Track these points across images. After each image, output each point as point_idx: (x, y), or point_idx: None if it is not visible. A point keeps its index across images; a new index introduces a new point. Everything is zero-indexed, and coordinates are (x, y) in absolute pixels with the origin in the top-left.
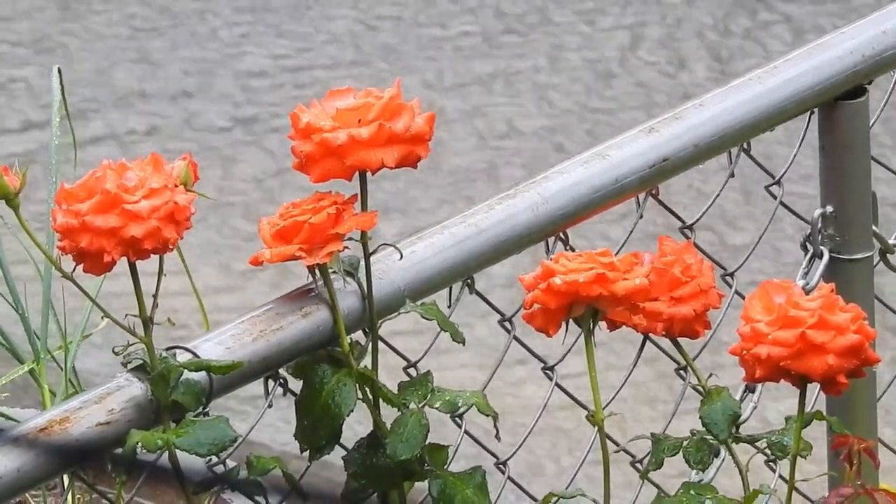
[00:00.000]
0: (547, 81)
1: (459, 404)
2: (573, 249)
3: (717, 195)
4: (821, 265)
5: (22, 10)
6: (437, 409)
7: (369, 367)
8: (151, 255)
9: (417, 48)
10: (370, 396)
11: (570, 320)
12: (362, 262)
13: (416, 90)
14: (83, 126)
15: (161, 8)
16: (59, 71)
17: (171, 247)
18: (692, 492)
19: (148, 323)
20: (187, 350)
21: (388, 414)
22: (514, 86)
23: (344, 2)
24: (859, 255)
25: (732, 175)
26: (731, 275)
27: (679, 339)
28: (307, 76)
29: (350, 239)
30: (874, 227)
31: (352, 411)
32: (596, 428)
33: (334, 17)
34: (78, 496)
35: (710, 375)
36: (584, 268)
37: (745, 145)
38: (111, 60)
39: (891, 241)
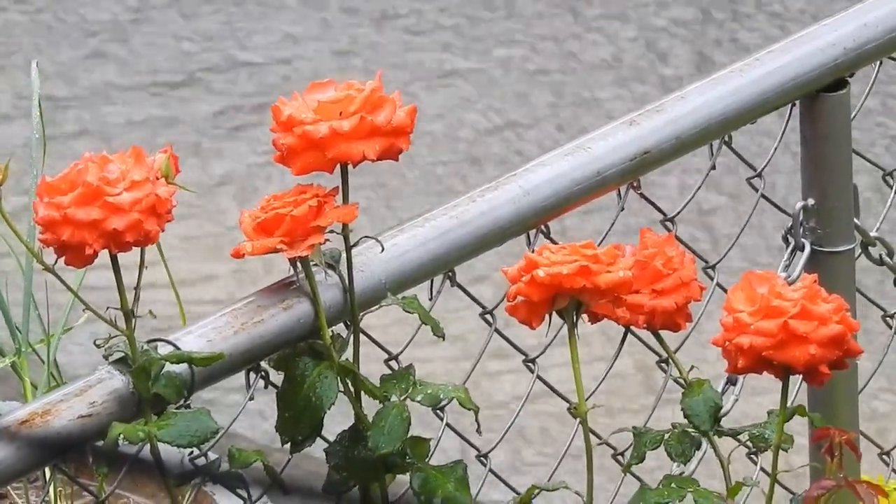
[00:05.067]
0: (526, 75)
1: (441, 398)
2: (555, 242)
3: (699, 188)
4: (802, 258)
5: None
6: (418, 402)
7: (351, 359)
8: (133, 248)
9: (398, 41)
10: (352, 389)
11: (554, 313)
12: (344, 255)
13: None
14: (62, 119)
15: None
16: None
17: (152, 239)
18: (674, 485)
19: (129, 315)
20: (169, 342)
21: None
22: (492, 79)
23: None
24: (841, 248)
25: (714, 167)
26: (713, 267)
27: (661, 332)
28: (288, 69)
29: (332, 232)
30: (856, 220)
31: (333, 404)
32: (578, 420)
33: (319, 9)
34: (59, 489)
35: (692, 368)
36: (568, 260)
37: (726, 138)
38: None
39: (872, 234)
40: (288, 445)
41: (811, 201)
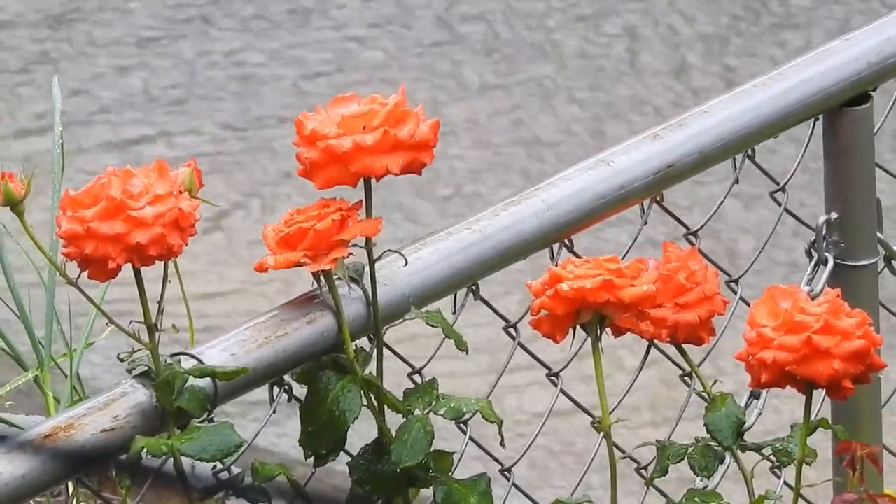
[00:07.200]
0: (549, 88)
1: (464, 411)
2: (578, 256)
3: (722, 202)
4: (825, 271)
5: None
6: (441, 415)
7: (374, 373)
8: (156, 262)
9: (419, 54)
10: (375, 403)
11: (577, 326)
12: (367, 269)
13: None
14: (84, 133)
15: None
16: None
17: (176, 253)
18: (697, 499)
19: (152, 329)
20: (192, 356)
21: (394, 422)
22: (515, 92)
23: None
24: (864, 262)
25: (737, 181)
26: (736, 281)
27: (684, 346)
28: (311, 83)
29: (355, 245)
30: (879, 234)
31: (356, 418)
32: (601, 434)
33: (338, 23)
34: (82, 502)
35: (715, 382)
36: (592, 274)
37: (749, 151)
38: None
39: (895, 247)
40: (311, 459)
41: (834, 215)
